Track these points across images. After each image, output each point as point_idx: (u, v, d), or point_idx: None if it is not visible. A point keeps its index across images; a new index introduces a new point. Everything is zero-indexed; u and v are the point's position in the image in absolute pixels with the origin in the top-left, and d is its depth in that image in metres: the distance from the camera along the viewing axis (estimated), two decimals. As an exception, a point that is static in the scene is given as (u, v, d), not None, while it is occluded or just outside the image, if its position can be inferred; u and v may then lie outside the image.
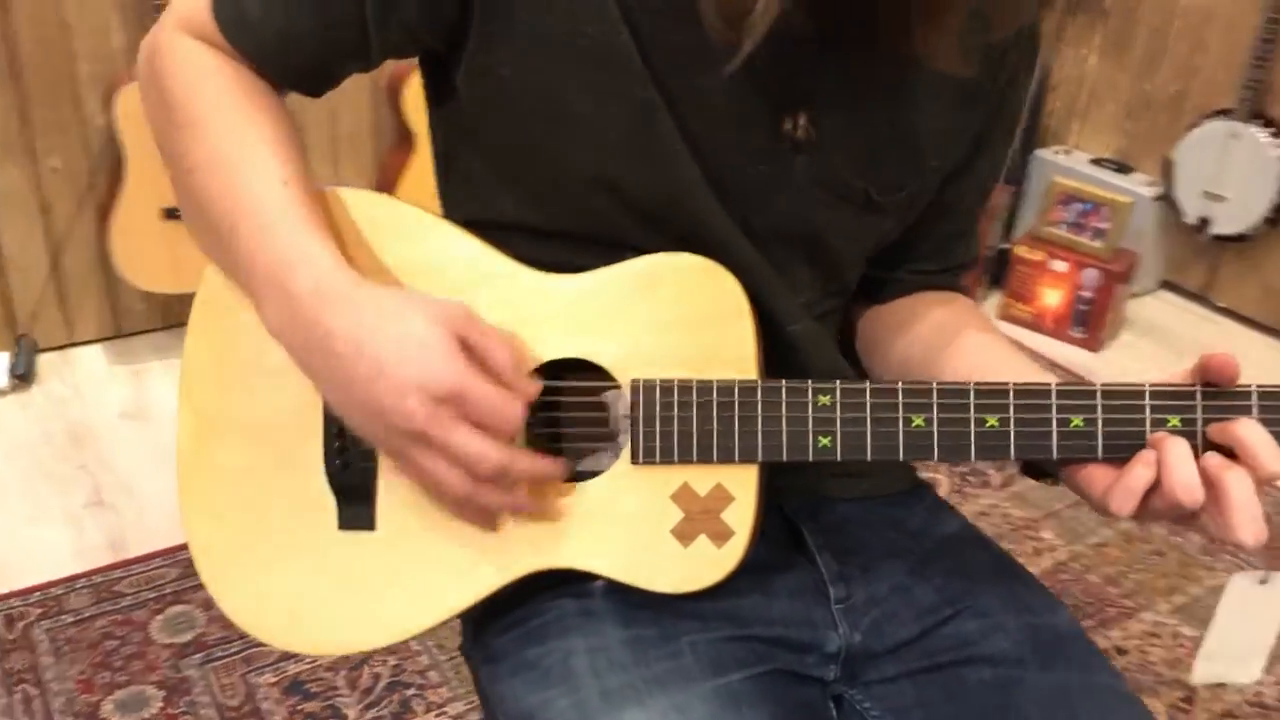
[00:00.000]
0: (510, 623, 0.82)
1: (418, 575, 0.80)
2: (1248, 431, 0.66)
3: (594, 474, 0.79)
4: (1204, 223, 2.91)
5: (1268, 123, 2.77)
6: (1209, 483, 0.66)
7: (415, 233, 0.81)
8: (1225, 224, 2.87)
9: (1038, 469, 0.79)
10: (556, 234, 0.81)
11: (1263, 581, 0.79)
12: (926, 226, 0.90)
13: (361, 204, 0.81)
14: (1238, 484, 0.65)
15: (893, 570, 0.86)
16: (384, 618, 0.81)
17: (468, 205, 0.86)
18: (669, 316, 0.78)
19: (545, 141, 0.78)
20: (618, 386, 0.78)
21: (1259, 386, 0.69)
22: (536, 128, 0.78)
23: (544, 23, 0.73)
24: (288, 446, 0.81)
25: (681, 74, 0.74)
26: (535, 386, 0.73)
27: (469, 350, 0.70)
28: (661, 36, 0.73)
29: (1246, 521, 0.64)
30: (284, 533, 0.81)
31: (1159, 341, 2.89)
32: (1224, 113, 2.83)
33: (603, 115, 0.75)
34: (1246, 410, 0.69)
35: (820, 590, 0.85)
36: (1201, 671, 0.82)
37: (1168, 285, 3.12)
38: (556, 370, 0.79)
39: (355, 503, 0.80)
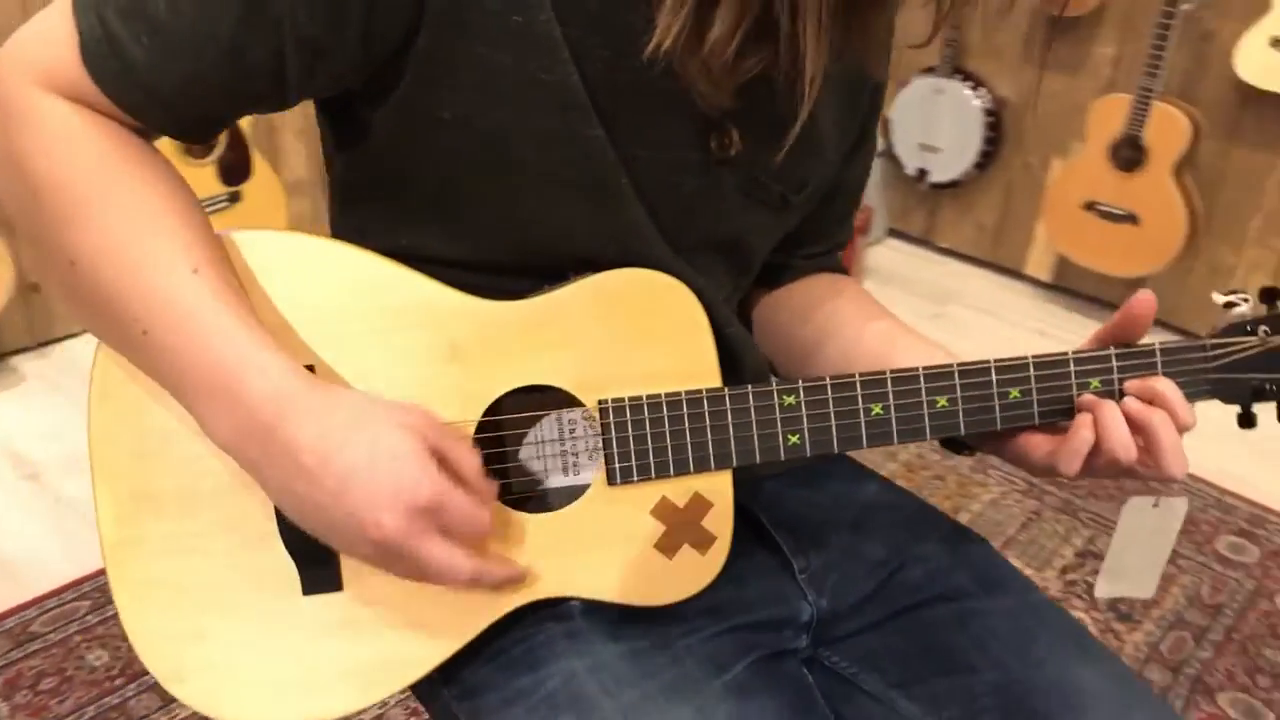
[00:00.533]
0: (488, 654, 0.80)
1: (396, 630, 0.77)
2: (1164, 387, 0.76)
3: (563, 494, 0.79)
4: (922, 173, 3.18)
5: (966, 77, 3.06)
6: (1139, 429, 0.75)
7: (338, 272, 0.76)
8: (940, 173, 3.16)
9: (956, 443, 0.86)
10: (487, 266, 0.80)
11: (1155, 505, 0.90)
12: (818, 212, 0.95)
13: (270, 249, 0.75)
14: (1165, 430, 0.74)
15: (838, 534, 0.91)
16: (367, 677, 0.77)
17: (379, 237, 0.82)
18: (627, 333, 0.78)
19: (487, 185, 0.76)
20: (583, 407, 0.78)
21: (1160, 345, 0.79)
22: (479, 172, 0.75)
23: (497, 68, 0.71)
24: (232, 513, 0.75)
25: (624, 110, 0.75)
26: (494, 487, 0.73)
27: (439, 458, 0.68)
28: (606, 75, 0.73)
29: (1177, 460, 0.74)
30: (244, 607, 0.76)
31: (898, 286, 3.14)
32: (929, 70, 3.10)
33: (552, 158, 0.74)
34: (1153, 367, 0.79)
35: (784, 566, 0.89)
36: (1103, 587, 0.93)
37: (894, 233, 3.40)
38: (517, 396, 0.78)
39: (317, 564, 0.76)
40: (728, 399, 0.78)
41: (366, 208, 0.83)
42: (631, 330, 0.78)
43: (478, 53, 0.70)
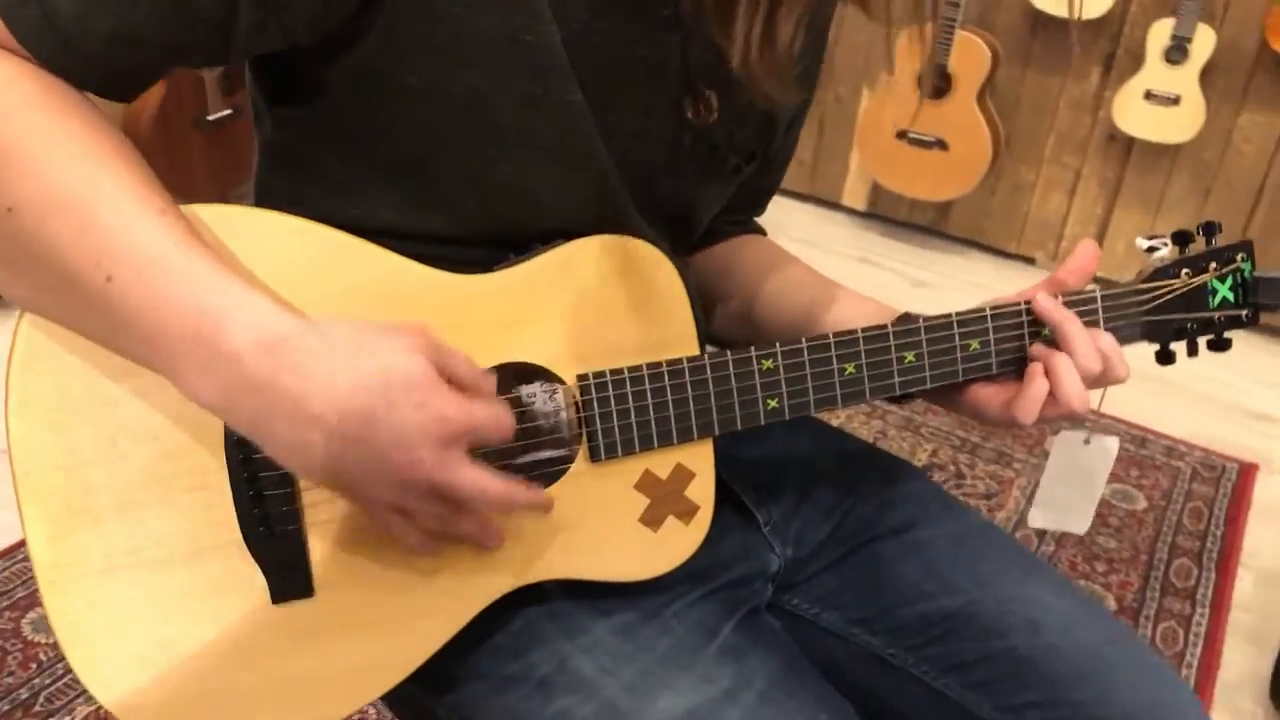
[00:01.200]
0: (465, 644, 0.77)
1: (374, 631, 0.73)
2: (1108, 346, 0.79)
3: (541, 473, 0.76)
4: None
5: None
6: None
7: (293, 249, 0.70)
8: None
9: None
10: (450, 238, 0.75)
11: (1086, 442, 0.95)
12: (752, 182, 0.94)
13: (219, 224, 0.68)
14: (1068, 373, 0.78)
15: (791, 482, 0.92)
16: (346, 684, 0.73)
17: (320, 206, 0.75)
18: (603, 303, 0.75)
19: (458, 153, 0.71)
20: (563, 384, 0.75)
21: (1101, 292, 0.83)
22: (450, 140, 0.70)
23: (475, 28, 0.66)
24: (184, 521, 0.69)
25: (601, 73, 0.71)
26: (491, 380, 0.68)
27: (446, 375, 0.64)
28: (584, 37, 0.69)
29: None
30: (206, 622, 0.69)
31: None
32: None
33: (530, 124, 0.70)
34: (1095, 313, 0.82)
35: (748, 521, 0.89)
36: (1036, 517, 0.98)
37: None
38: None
39: (286, 569, 0.71)
40: (708, 367, 0.77)
41: (305, 174, 0.76)
42: (607, 300, 0.75)
43: (454, 12, 0.65)
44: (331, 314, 0.68)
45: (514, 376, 0.75)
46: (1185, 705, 0.81)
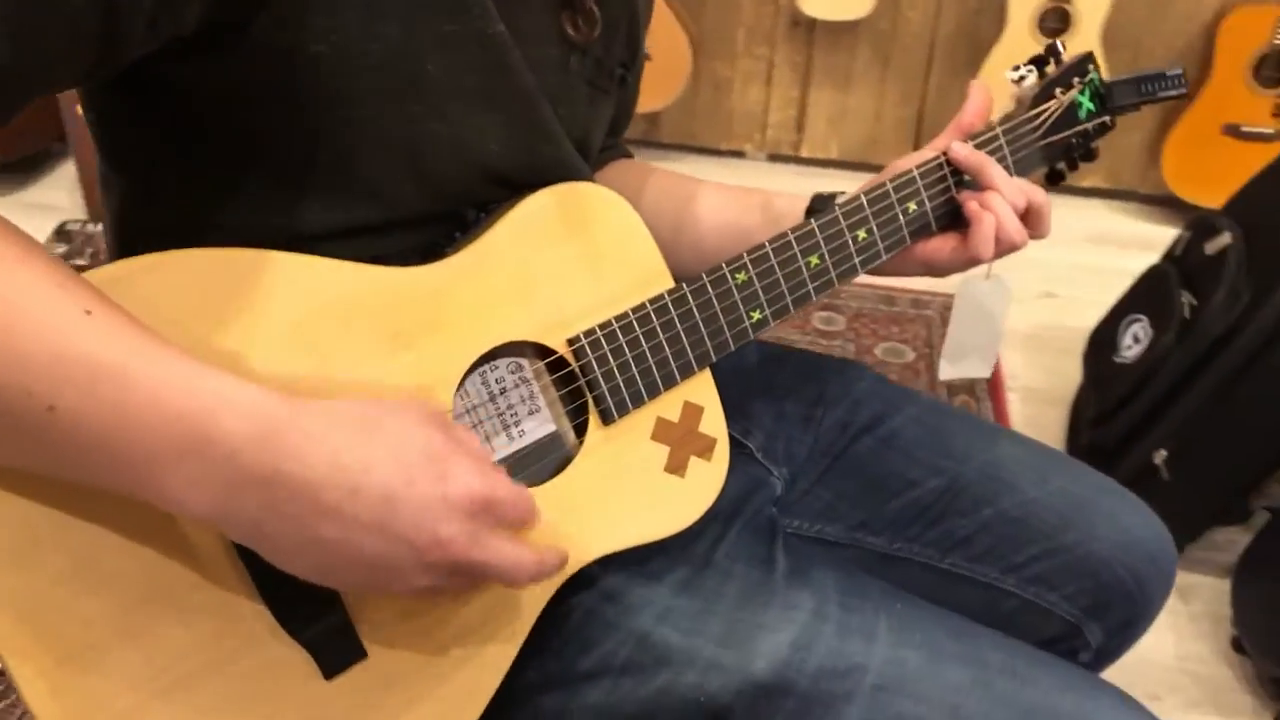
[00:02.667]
0: (523, 661, 0.70)
1: (439, 671, 0.65)
2: (985, 164, 0.81)
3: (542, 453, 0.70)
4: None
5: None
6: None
7: (229, 287, 0.59)
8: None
9: None
10: (385, 225, 0.67)
11: (988, 276, 0.98)
12: (619, 97, 0.90)
13: (121, 284, 0.56)
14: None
15: (760, 405, 0.90)
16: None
17: (219, 229, 0.64)
18: (569, 260, 0.69)
19: (382, 120, 0.63)
20: (555, 354, 0.69)
21: (1000, 127, 0.85)
22: (372, 106, 0.62)
23: None
24: (205, 624, 0.58)
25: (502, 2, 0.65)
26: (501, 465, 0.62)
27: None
28: None
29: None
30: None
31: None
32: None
33: (456, 68, 0.63)
34: (1000, 148, 0.85)
35: (741, 451, 0.87)
36: (945, 370, 1.01)
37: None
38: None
39: (332, 640, 0.61)
40: (689, 295, 0.73)
41: (192, 197, 0.64)
42: (572, 256, 0.70)
43: None
44: (292, 349, 0.59)
45: (501, 358, 0.68)
46: (1152, 522, 0.89)
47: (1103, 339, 1.92)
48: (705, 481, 0.74)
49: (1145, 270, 1.90)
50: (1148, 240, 2.63)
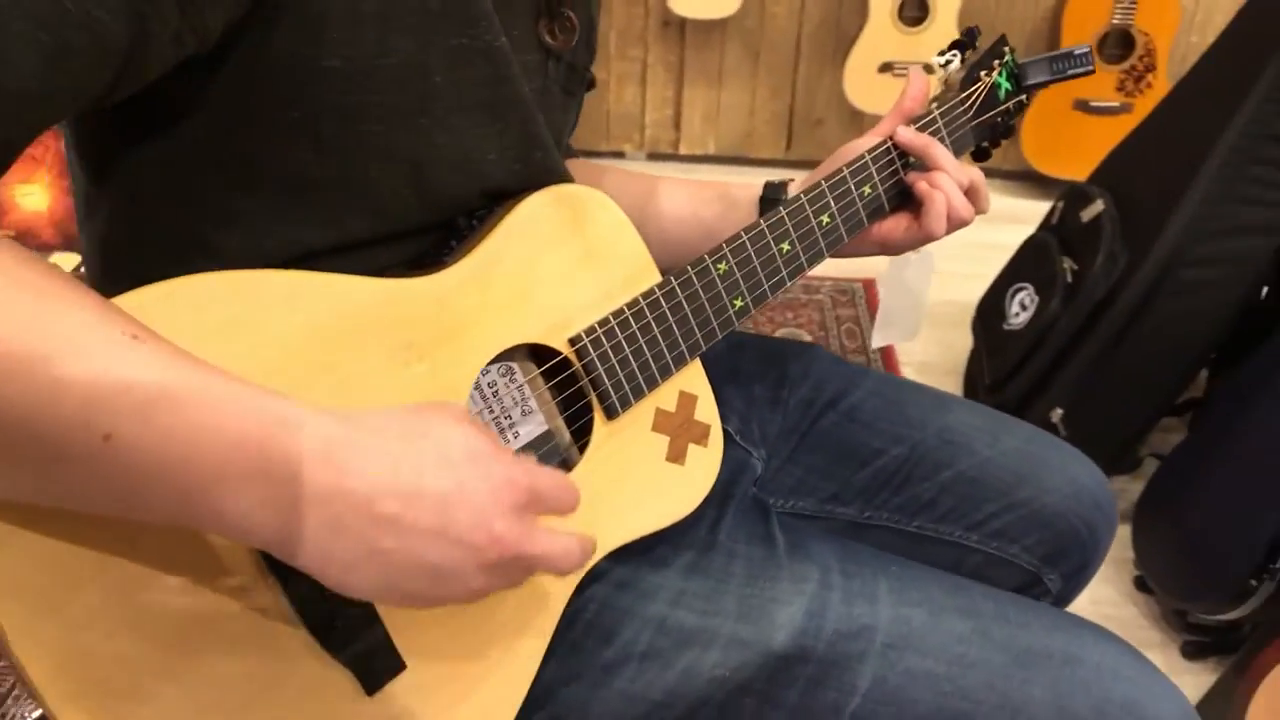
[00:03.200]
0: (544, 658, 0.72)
1: (475, 673, 0.65)
2: (931, 147, 0.86)
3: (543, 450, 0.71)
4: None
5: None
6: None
7: (248, 311, 0.59)
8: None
9: None
10: (377, 240, 0.67)
11: (914, 259, 1.03)
12: None
13: (155, 305, 0.56)
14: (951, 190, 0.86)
15: (731, 390, 0.93)
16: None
17: (217, 252, 0.64)
18: (565, 261, 0.71)
19: (390, 134, 0.63)
20: (551, 355, 0.70)
21: (937, 111, 0.90)
22: (384, 121, 0.62)
23: None
24: (243, 651, 0.57)
25: (499, 10, 0.66)
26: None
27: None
28: None
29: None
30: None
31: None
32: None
33: (464, 81, 0.64)
34: (939, 130, 0.90)
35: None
36: (877, 338, 1.06)
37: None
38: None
39: (372, 656, 0.61)
40: (678, 288, 0.75)
41: (189, 218, 0.64)
42: (568, 256, 0.71)
43: None
44: (310, 368, 0.59)
45: (507, 362, 0.69)
46: (1094, 471, 0.95)
47: (990, 309, 2.02)
48: (704, 467, 0.77)
49: (1025, 241, 2.01)
50: (1014, 214, 2.77)
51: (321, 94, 0.60)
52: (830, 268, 2.68)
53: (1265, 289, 1.77)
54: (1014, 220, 2.52)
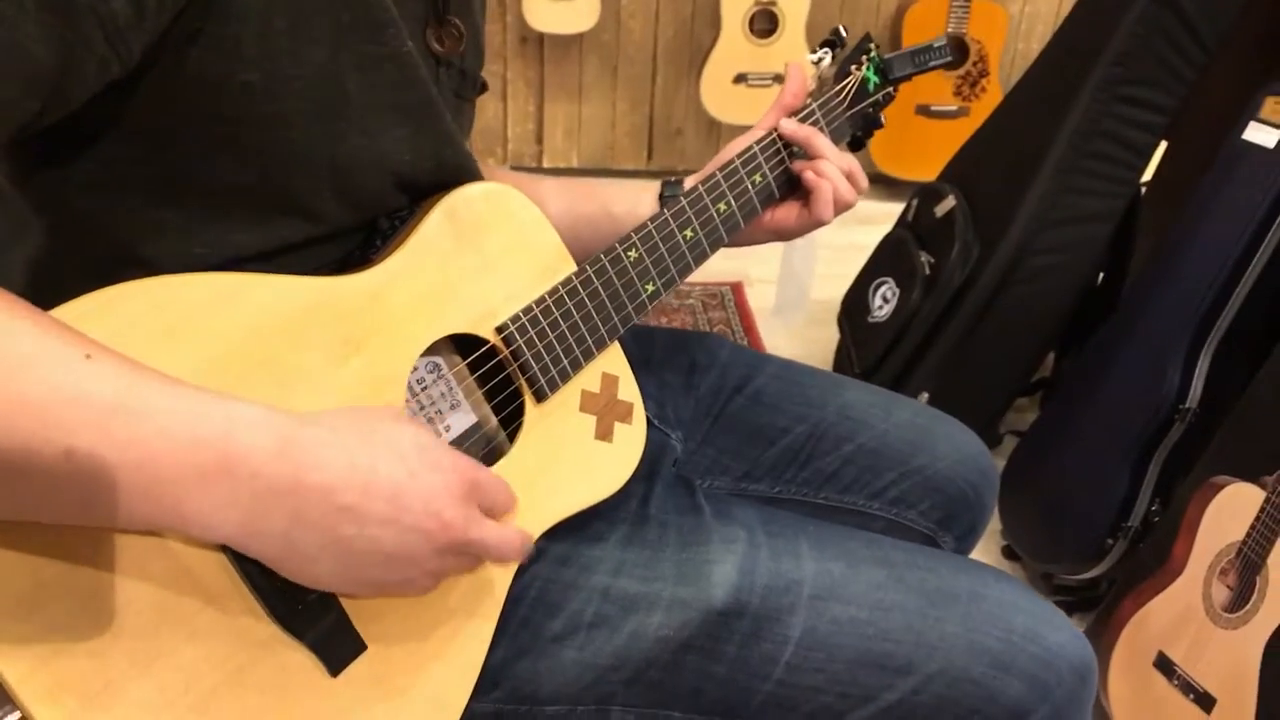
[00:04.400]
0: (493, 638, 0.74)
1: (431, 653, 0.67)
2: (812, 136, 0.91)
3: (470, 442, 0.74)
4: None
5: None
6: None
7: (188, 315, 0.60)
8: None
9: None
10: (302, 244, 0.69)
11: (801, 245, 1.10)
12: None
13: (118, 307, 0.57)
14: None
15: (644, 377, 0.94)
16: (436, 712, 0.67)
17: (152, 260, 0.65)
18: (486, 254, 0.73)
19: (309, 141, 0.65)
20: (478, 348, 0.73)
21: (815, 104, 0.96)
22: (298, 128, 0.64)
23: (309, 2, 0.61)
24: (211, 641, 0.58)
25: (400, 18, 0.68)
26: None
27: None
28: None
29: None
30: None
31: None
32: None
33: (378, 86, 0.66)
34: (818, 122, 0.95)
35: None
36: (774, 319, 1.13)
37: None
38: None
39: (334, 638, 0.62)
40: (593, 276, 0.78)
41: (119, 232, 0.64)
42: (491, 249, 0.74)
43: None
44: (250, 366, 0.61)
45: (433, 354, 0.72)
46: (976, 440, 1.03)
47: (854, 303, 2.12)
48: (630, 443, 0.80)
49: (883, 238, 2.12)
50: (868, 216, 2.89)
51: (241, 107, 0.61)
52: (698, 274, 2.75)
53: (1100, 274, 1.92)
54: (868, 222, 2.63)
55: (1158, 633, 1.40)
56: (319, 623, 0.61)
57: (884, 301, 2.01)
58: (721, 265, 2.79)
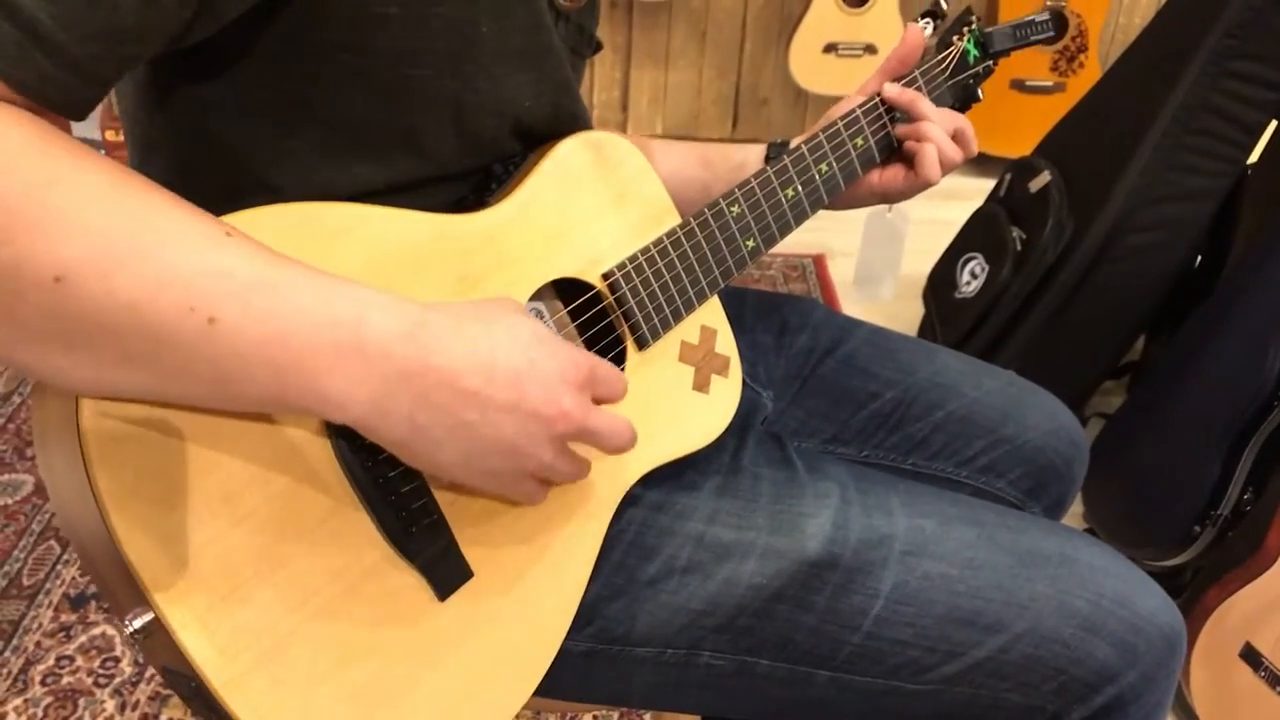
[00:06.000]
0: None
1: (534, 582, 0.69)
2: (917, 100, 0.90)
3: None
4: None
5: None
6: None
7: (319, 239, 0.62)
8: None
9: None
10: (414, 183, 0.70)
11: (889, 213, 1.09)
12: None
13: (254, 227, 0.58)
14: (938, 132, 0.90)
15: (736, 337, 0.96)
16: (531, 646, 0.69)
17: (277, 187, 0.67)
18: (597, 201, 0.75)
19: (439, 80, 0.66)
20: (593, 289, 0.74)
21: (919, 71, 0.95)
22: (431, 66, 0.65)
23: None
24: (328, 555, 0.60)
25: None
26: None
27: None
28: None
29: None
30: (392, 651, 0.62)
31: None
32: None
33: (505, 28, 0.67)
34: (920, 89, 0.95)
35: None
36: (855, 293, 1.12)
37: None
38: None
39: (444, 562, 0.65)
40: (696, 229, 0.79)
41: (248, 158, 0.67)
42: (599, 197, 0.75)
43: None
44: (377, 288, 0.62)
45: (551, 293, 0.73)
46: (1067, 412, 1.03)
47: (941, 279, 2.09)
48: (726, 396, 0.81)
49: (974, 212, 2.08)
50: (957, 191, 2.85)
51: (376, 40, 0.63)
52: (780, 245, 2.74)
53: (1199, 257, 1.87)
54: (956, 197, 2.59)
55: (1245, 623, 1.37)
56: (430, 548, 0.63)
57: (972, 277, 1.98)
58: (803, 238, 2.77)
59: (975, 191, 2.19)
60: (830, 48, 2.77)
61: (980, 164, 2.93)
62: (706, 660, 0.75)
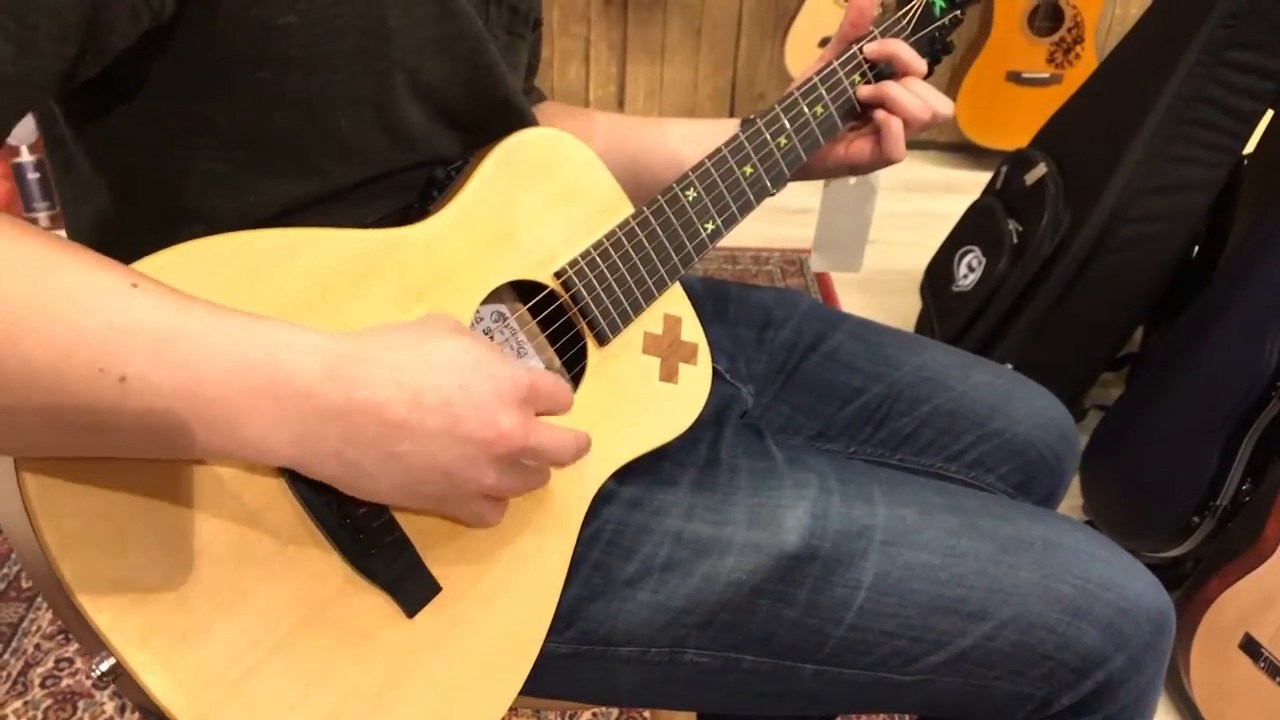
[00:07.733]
0: (567, 581, 0.73)
1: (505, 590, 0.67)
2: (896, 47, 0.87)
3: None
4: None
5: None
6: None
7: (254, 266, 0.60)
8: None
9: None
10: (346, 190, 0.69)
11: (852, 181, 1.05)
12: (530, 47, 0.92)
13: (183, 264, 0.57)
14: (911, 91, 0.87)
15: (717, 331, 0.94)
16: (509, 651, 0.67)
17: (209, 215, 0.66)
18: (543, 201, 0.73)
19: (353, 82, 0.65)
20: (538, 295, 0.73)
21: (878, 29, 0.91)
22: (341, 69, 0.64)
23: None
24: (291, 584, 0.58)
25: None
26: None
27: None
28: None
29: (942, 104, 0.88)
30: (364, 671, 0.60)
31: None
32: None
33: (414, 18, 0.66)
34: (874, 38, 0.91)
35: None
36: (816, 261, 1.09)
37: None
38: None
39: (409, 579, 0.63)
40: (650, 217, 0.77)
41: (177, 190, 0.65)
42: (546, 195, 0.73)
43: None
44: (316, 317, 0.62)
45: (496, 301, 0.71)
46: (1057, 404, 0.99)
47: (938, 272, 2.07)
48: (696, 384, 0.79)
49: (970, 205, 2.06)
50: (953, 184, 2.84)
51: (281, 51, 0.61)
52: (777, 240, 2.72)
53: (1196, 248, 1.84)
54: (953, 190, 2.57)
55: (1245, 614, 1.35)
56: (393, 567, 0.61)
57: (969, 270, 1.96)
58: (800, 232, 2.76)
59: (972, 184, 2.16)
60: (825, 41, 2.75)
61: (976, 156, 2.92)
62: (691, 658, 0.74)
